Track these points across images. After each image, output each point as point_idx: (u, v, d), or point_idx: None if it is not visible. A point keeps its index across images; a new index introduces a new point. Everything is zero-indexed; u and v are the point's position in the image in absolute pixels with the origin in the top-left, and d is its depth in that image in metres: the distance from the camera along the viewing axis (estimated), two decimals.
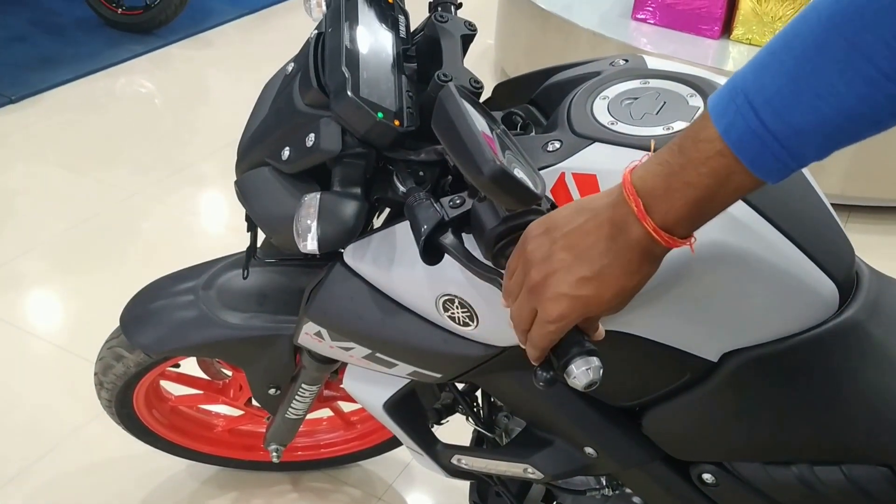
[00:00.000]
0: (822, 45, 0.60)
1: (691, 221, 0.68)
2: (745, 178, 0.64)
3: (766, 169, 0.64)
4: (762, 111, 0.62)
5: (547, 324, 0.72)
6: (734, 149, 0.63)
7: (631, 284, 0.71)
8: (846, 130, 0.61)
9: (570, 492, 1.28)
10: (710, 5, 2.87)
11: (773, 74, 0.62)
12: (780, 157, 0.63)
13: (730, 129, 0.63)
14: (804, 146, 0.62)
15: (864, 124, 0.61)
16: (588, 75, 1.02)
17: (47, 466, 1.82)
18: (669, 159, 0.67)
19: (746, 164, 0.63)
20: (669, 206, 0.67)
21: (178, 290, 1.38)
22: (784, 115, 0.61)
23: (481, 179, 0.74)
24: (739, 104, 0.63)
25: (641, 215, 0.68)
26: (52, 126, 3.12)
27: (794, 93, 0.61)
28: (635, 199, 0.68)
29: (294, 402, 1.42)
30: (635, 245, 0.69)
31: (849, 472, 0.94)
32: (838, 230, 0.96)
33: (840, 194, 2.70)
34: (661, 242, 0.69)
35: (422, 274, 0.96)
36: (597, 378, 0.71)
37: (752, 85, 0.63)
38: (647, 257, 0.70)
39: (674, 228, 0.68)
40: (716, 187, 0.65)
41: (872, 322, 0.93)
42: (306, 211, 0.91)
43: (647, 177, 0.68)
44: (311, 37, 1.06)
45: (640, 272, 0.71)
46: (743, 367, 0.92)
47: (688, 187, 0.66)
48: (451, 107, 0.76)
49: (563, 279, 0.71)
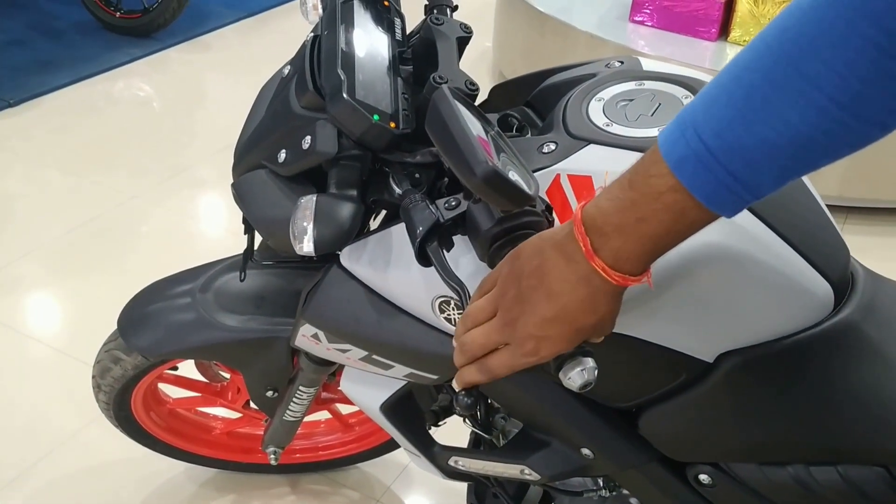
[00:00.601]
0: (772, 75, 0.58)
1: (645, 257, 0.67)
2: (700, 213, 0.63)
3: (721, 203, 0.62)
4: (712, 144, 0.60)
5: (520, 357, 0.73)
6: (687, 184, 0.62)
7: (591, 322, 0.70)
8: (800, 160, 0.60)
9: (567, 493, 1.28)
10: (707, 7, 2.87)
11: (723, 106, 0.61)
12: (734, 190, 0.61)
13: (681, 163, 0.62)
14: (759, 178, 0.61)
15: (818, 153, 0.60)
16: (583, 77, 1.02)
17: (45, 469, 1.82)
18: (619, 195, 0.65)
19: (700, 199, 0.62)
20: (621, 243, 0.66)
21: (176, 293, 1.38)
22: (736, 147, 0.60)
23: (474, 181, 0.74)
24: (689, 138, 0.61)
25: (589, 255, 0.67)
26: (50, 129, 3.13)
27: (744, 125, 0.59)
28: (583, 237, 0.67)
29: (292, 405, 1.42)
30: (587, 284, 0.68)
31: (845, 473, 0.95)
32: (833, 231, 0.96)
33: (838, 196, 2.70)
34: (611, 282, 0.67)
35: (418, 276, 0.96)
36: (591, 379, 0.72)
37: (701, 118, 0.61)
38: (602, 296, 0.69)
39: (626, 266, 0.67)
40: (670, 223, 0.64)
41: (867, 322, 0.93)
42: (302, 213, 0.91)
43: (597, 214, 0.66)
44: (307, 39, 1.07)
45: (598, 311, 0.69)
46: (738, 367, 0.92)
47: (640, 223, 0.64)
48: (445, 108, 0.76)
49: (529, 319, 0.71)
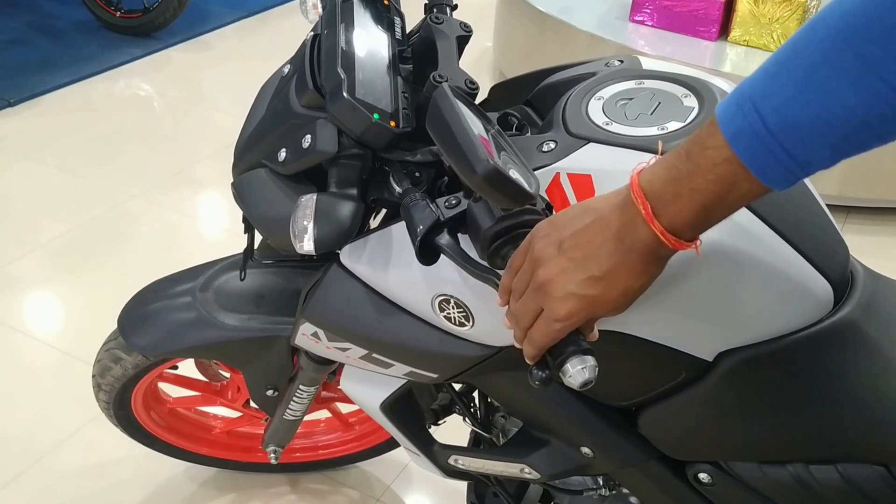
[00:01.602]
0: (832, 57, 0.60)
1: (698, 225, 0.69)
2: (752, 185, 0.65)
3: (772, 177, 0.64)
4: (770, 120, 0.62)
5: (553, 322, 0.73)
6: (741, 156, 0.63)
7: (637, 285, 0.72)
8: (853, 141, 0.62)
9: (567, 492, 1.28)
10: (707, 7, 2.87)
11: (782, 84, 0.62)
12: (787, 166, 0.63)
13: (737, 136, 0.63)
14: (811, 155, 0.62)
15: (871, 136, 0.61)
16: (583, 76, 1.02)
17: (45, 469, 1.82)
18: (677, 164, 0.67)
19: (753, 172, 0.64)
20: (677, 210, 0.68)
21: (176, 292, 1.38)
22: (792, 124, 0.61)
23: (475, 179, 0.74)
24: (747, 112, 0.63)
25: (649, 218, 0.69)
26: (50, 129, 3.13)
27: (802, 103, 0.61)
28: (643, 202, 0.69)
29: (292, 404, 1.42)
30: (642, 247, 0.70)
31: (844, 471, 0.95)
32: (833, 229, 0.96)
33: (838, 195, 2.70)
34: (668, 245, 0.69)
35: (417, 274, 0.96)
36: (592, 377, 0.72)
37: (759, 93, 0.63)
38: (653, 259, 0.71)
39: (680, 231, 0.69)
40: (723, 194, 0.66)
41: (867, 321, 0.93)
42: (303, 212, 0.91)
43: (655, 181, 0.69)
44: (307, 38, 1.07)
45: (647, 273, 0.72)
46: (738, 366, 0.92)
47: (695, 193, 0.66)
48: (445, 107, 0.76)
49: (571, 278, 0.72)
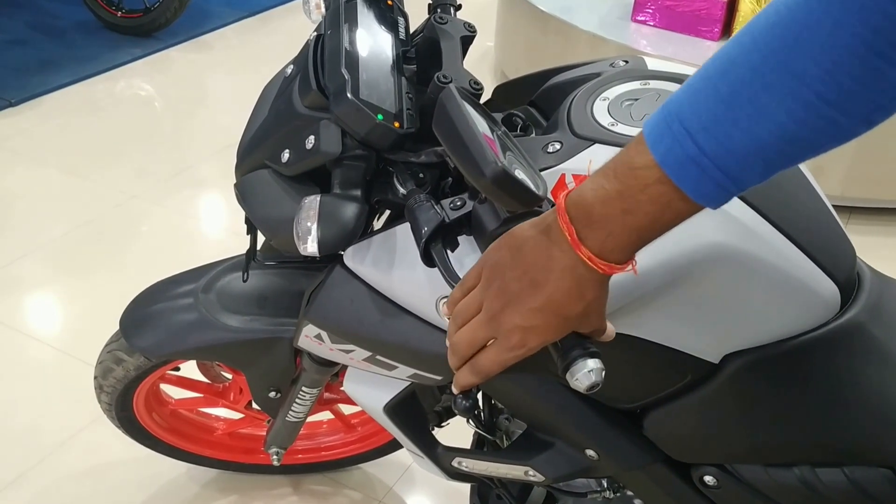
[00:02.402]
0: (759, 70, 0.59)
1: (630, 247, 0.67)
2: (686, 205, 0.63)
3: (706, 195, 0.63)
4: (699, 137, 0.61)
5: (507, 351, 0.72)
6: (673, 177, 0.62)
7: (577, 311, 0.70)
8: (786, 154, 0.61)
9: (570, 494, 1.27)
10: (709, 7, 2.87)
11: (709, 100, 0.61)
12: (721, 183, 0.62)
13: (667, 155, 0.62)
14: (745, 171, 0.61)
15: (804, 148, 0.60)
16: (588, 76, 1.02)
17: (46, 470, 1.82)
18: (605, 185, 0.65)
19: (687, 192, 0.62)
20: (607, 233, 0.66)
21: (178, 294, 1.38)
22: (722, 141, 0.60)
23: (483, 181, 0.73)
24: (675, 130, 0.61)
25: (575, 244, 0.67)
26: (51, 129, 3.12)
27: (731, 119, 0.60)
28: (568, 227, 0.67)
29: (294, 405, 1.42)
30: (572, 272, 0.68)
31: (851, 474, 0.94)
32: (839, 231, 0.96)
33: (840, 196, 2.69)
34: (597, 271, 0.67)
35: (422, 276, 0.95)
36: (599, 380, 0.71)
37: (687, 111, 0.61)
38: (587, 283, 0.69)
39: (611, 255, 0.67)
40: (656, 214, 0.64)
41: (874, 323, 0.92)
42: (306, 213, 0.91)
43: (582, 203, 0.66)
44: (310, 39, 1.06)
45: (584, 299, 0.69)
46: (744, 368, 0.92)
47: (626, 214, 0.64)
48: (452, 108, 0.76)
49: (515, 310, 0.70)
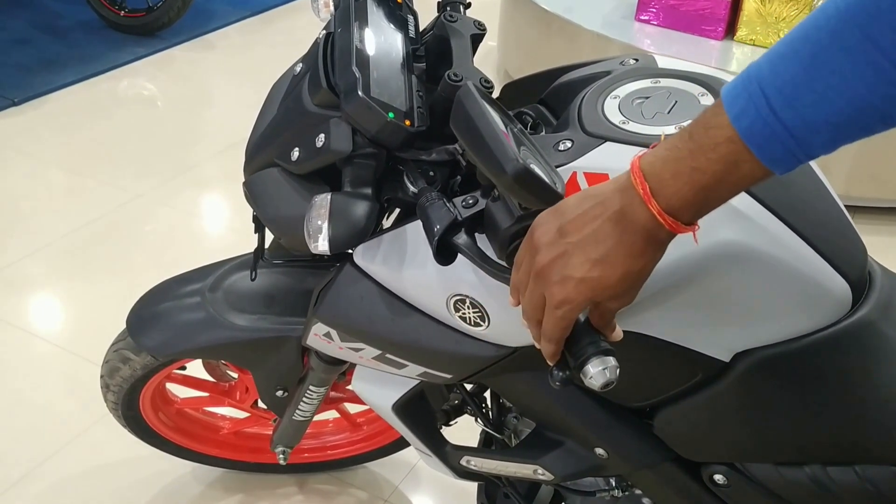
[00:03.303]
0: (837, 34, 0.59)
1: (697, 207, 0.68)
2: (753, 167, 0.64)
3: (773, 158, 0.63)
4: (774, 99, 0.62)
5: (554, 309, 0.72)
6: (743, 136, 0.63)
7: (636, 268, 0.71)
8: (856, 123, 0.61)
9: (579, 493, 1.27)
10: (713, 6, 2.87)
11: (788, 63, 0.62)
12: (789, 147, 0.62)
13: (741, 116, 0.63)
14: (813, 137, 0.62)
15: (874, 118, 0.61)
16: (598, 75, 1.02)
17: (52, 469, 1.82)
18: (679, 144, 0.67)
19: (755, 152, 0.63)
20: (675, 190, 0.67)
21: (185, 293, 1.38)
22: (795, 104, 0.61)
23: (504, 178, 0.73)
24: (752, 92, 0.63)
25: (647, 198, 0.68)
26: (54, 128, 3.12)
27: (806, 82, 0.61)
28: (642, 182, 0.68)
29: (301, 404, 1.42)
30: (640, 228, 0.69)
31: (862, 473, 0.94)
32: (851, 229, 0.96)
33: (844, 195, 2.68)
34: (665, 226, 0.68)
35: (432, 274, 0.95)
36: (613, 378, 0.71)
37: (766, 73, 0.63)
38: (651, 241, 0.70)
39: (679, 213, 0.68)
40: (723, 174, 0.65)
41: (886, 321, 0.92)
42: (317, 212, 0.91)
43: (656, 161, 0.68)
44: (319, 37, 1.06)
45: (645, 256, 0.71)
46: (755, 367, 0.92)
47: (695, 172, 0.66)
48: (471, 105, 0.75)
49: (568, 262, 0.71)
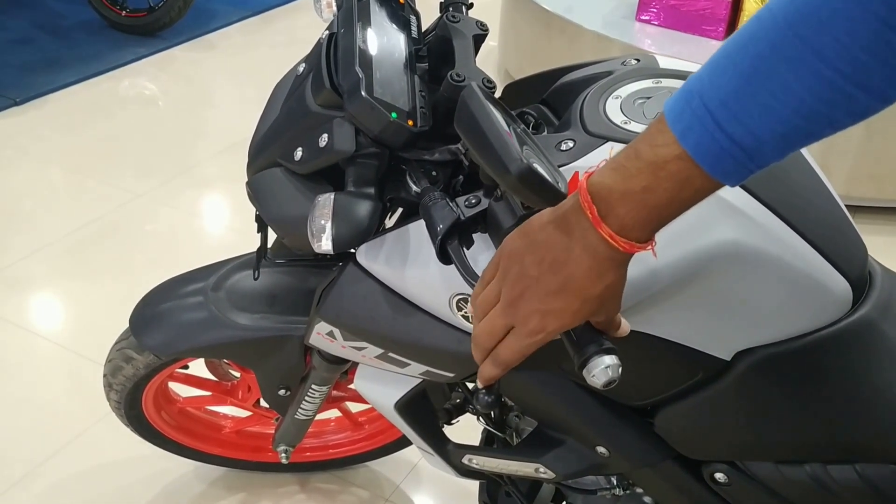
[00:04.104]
0: (777, 46, 0.59)
1: (650, 225, 0.67)
2: (704, 182, 0.64)
3: (725, 172, 0.63)
4: (718, 113, 0.61)
5: (525, 337, 0.72)
6: (692, 153, 0.62)
7: (596, 292, 0.70)
8: (803, 130, 0.61)
9: (580, 491, 1.28)
10: (714, 6, 2.87)
11: (729, 76, 0.61)
12: (739, 160, 0.62)
13: (686, 133, 0.62)
14: (762, 147, 0.62)
15: (821, 124, 0.60)
16: (600, 75, 1.02)
17: (54, 468, 1.82)
18: (625, 164, 0.66)
19: (706, 168, 0.63)
20: (627, 210, 0.66)
21: (188, 292, 1.38)
22: (740, 116, 0.61)
23: (508, 178, 0.73)
24: (695, 107, 0.62)
25: (596, 221, 0.67)
26: (56, 128, 3.13)
27: (749, 94, 0.60)
28: (590, 205, 0.67)
29: (304, 403, 1.42)
30: (593, 252, 0.68)
31: (863, 472, 0.94)
32: (851, 229, 0.96)
33: (844, 194, 2.68)
34: (619, 249, 0.68)
35: (435, 273, 0.96)
36: (616, 376, 0.71)
37: (707, 87, 0.62)
38: (608, 264, 0.69)
39: (632, 233, 0.67)
40: (675, 191, 0.64)
41: (886, 321, 0.93)
42: (321, 211, 0.91)
43: (603, 182, 0.67)
44: (322, 37, 1.07)
45: (604, 280, 0.70)
46: (756, 365, 0.92)
47: (646, 192, 0.65)
48: (475, 105, 0.76)
49: (533, 294, 0.71)
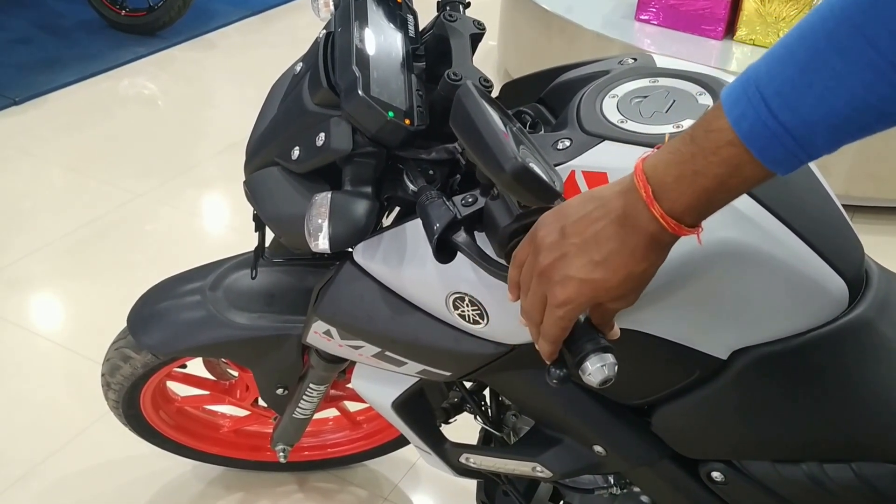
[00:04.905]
0: (833, 35, 0.60)
1: (700, 210, 0.68)
2: (755, 169, 0.65)
3: (775, 160, 0.64)
4: (772, 101, 0.62)
5: (555, 308, 0.72)
6: (744, 139, 0.63)
7: (638, 270, 0.71)
8: (855, 122, 0.61)
9: (577, 490, 1.28)
10: (713, 6, 2.87)
11: (785, 65, 0.62)
12: (790, 149, 0.63)
13: (741, 119, 0.63)
14: (813, 137, 0.62)
15: (873, 116, 0.61)
16: (597, 74, 1.02)
17: (53, 467, 1.82)
18: (681, 148, 0.67)
19: (756, 155, 0.63)
20: (678, 193, 0.67)
21: (186, 291, 1.38)
22: (794, 105, 0.61)
23: (503, 176, 0.73)
24: (751, 94, 0.63)
25: (650, 201, 0.68)
26: (55, 128, 3.13)
27: (804, 83, 0.61)
28: (645, 185, 0.68)
29: (302, 402, 1.43)
30: (643, 231, 0.70)
31: (859, 470, 0.94)
32: (848, 228, 0.96)
33: (844, 194, 2.70)
34: (668, 229, 0.69)
35: (432, 272, 0.96)
36: (612, 375, 0.71)
37: (764, 75, 0.63)
38: (654, 244, 0.70)
39: (682, 216, 0.68)
40: (725, 177, 0.65)
41: (882, 320, 0.93)
42: (318, 210, 0.91)
43: (658, 165, 0.68)
44: (319, 36, 1.07)
45: (648, 259, 0.71)
46: (752, 364, 0.92)
47: (697, 176, 0.66)
48: (471, 104, 0.76)
49: (571, 262, 0.71)
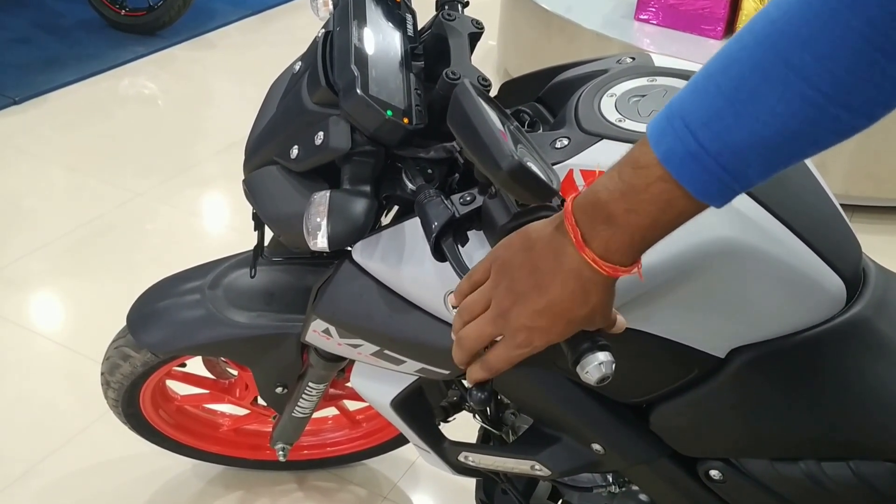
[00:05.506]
0: (759, 66, 0.58)
1: (634, 248, 0.67)
2: (688, 203, 0.63)
3: (708, 193, 0.62)
4: (700, 134, 0.60)
5: (514, 349, 0.73)
6: (675, 174, 0.62)
7: (582, 314, 0.70)
8: (787, 150, 0.60)
9: (576, 489, 1.28)
10: (712, 6, 2.87)
11: (711, 97, 0.61)
12: (723, 181, 0.61)
13: (669, 154, 0.62)
14: (746, 168, 0.61)
15: (804, 143, 0.60)
16: (595, 73, 1.02)
17: (53, 466, 1.82)
18: (609, 186, 0.65)
19: (689, 190, 0.62)
20: (610, 234, 0.66)
21: (185, 290, 1.39)
22: (723, 137, 0.60)
23: (500, 174, 0.74)
24: (677, 128, 0.61)
25: (579, 245, 0.67)
26: (55, 127, 3.13)
27: (732, 115, 0.59)
28: (574, 228, 0.67)
29: (301, 401, 1.43)
30: (577, 276, 0.68)
31: (856, 468, 0.95)
32: (845, 226, 0.96)
33: (843, 194, 2.69)
34: (602, 273, 0.67)
35: (430, 270, 0.96)
36: (609, 373, 0.72)
37: (689, 108, 0.61)
38: (592, 287, 0.68)
39: (616, 256, 0.67)
40: (658, 213, 0.64)
41: (880, 318, 0.93)
42: (316, 209, 0.91)
43: (587, 205, 0.67)
44: (318, 36, 1.07)
45: (589, 302, 0.69)
46: (750, 363, 0.92)
47: (629, 214, 0.64)
48: (468, 103, 0.76)
49: (522, 311, 0.71)
